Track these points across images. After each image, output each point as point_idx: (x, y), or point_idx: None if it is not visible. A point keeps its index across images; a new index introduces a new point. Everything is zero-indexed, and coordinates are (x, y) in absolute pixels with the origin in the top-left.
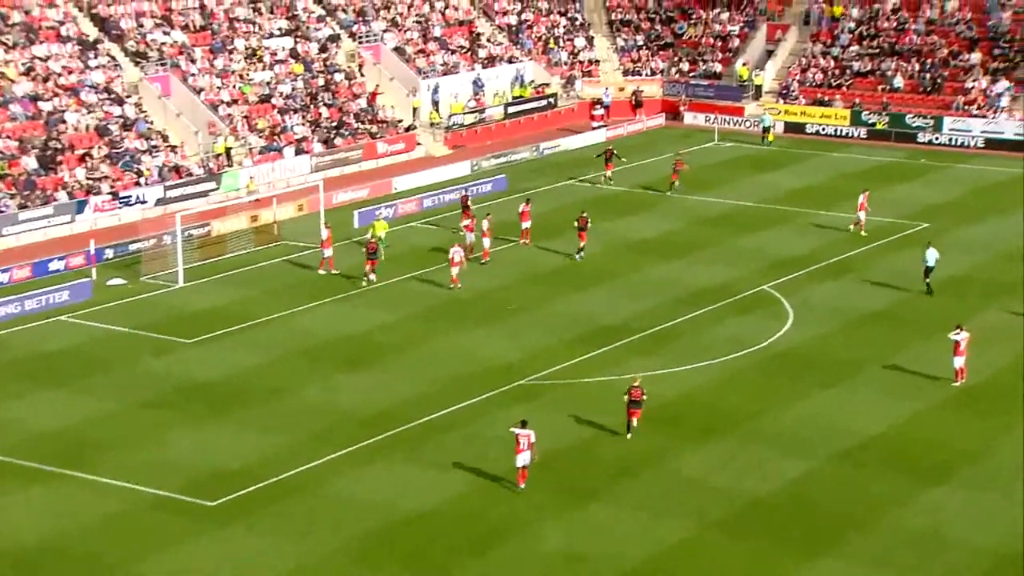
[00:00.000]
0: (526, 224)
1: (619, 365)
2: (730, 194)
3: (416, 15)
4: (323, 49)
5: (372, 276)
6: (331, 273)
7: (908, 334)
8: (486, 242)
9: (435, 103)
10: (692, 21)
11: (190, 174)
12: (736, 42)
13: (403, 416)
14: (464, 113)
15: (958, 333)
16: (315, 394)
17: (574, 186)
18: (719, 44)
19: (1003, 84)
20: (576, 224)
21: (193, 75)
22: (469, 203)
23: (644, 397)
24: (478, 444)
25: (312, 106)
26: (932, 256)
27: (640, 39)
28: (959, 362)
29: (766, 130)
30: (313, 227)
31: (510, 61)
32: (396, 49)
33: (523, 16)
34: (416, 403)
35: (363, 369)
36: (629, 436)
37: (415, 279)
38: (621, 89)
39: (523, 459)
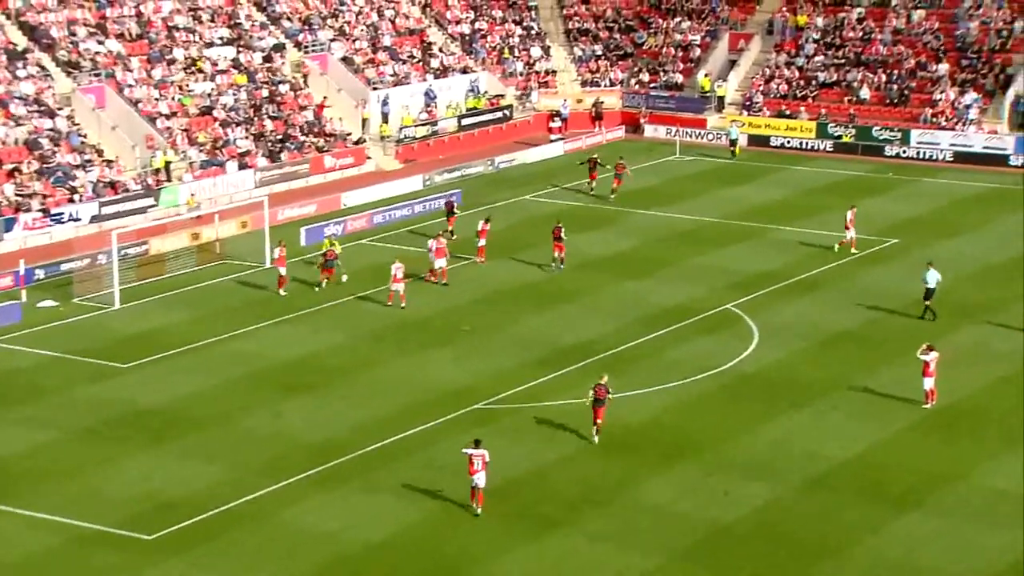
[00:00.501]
0: (482, 242)
1: (579, 388)
2: (693, 209)
3: (365, 23)
4: (267, 59)
5: (322, 284)
6: (279, 295)
7: (877, 354)
8: (441, 262)
9: (385, 115)
10: (652, 30)
11: (127, 190)
12: (697, 52)
13: (354, 443)
14: (416, 125)
15: (927, 353)
16: (261, 420)
17: (531, 201)
18: (680, 54)
19: (971, 96)
20: (553, 235)
21: (130, 86)
22: (456, 209)
23: (609, 396)
24: (432, 472)
25: (256, 118)
26: (933, 278)
27: (598, 49)
28: (929, 383)
29: (733, 143)
30: (257, 245)
31: (463, 71)
32: (344, 59)
33: (477, 25)
34: (367, 429)
35: (311, 394)
36: (596, 439)
37: (365, 299)
38: (579, 100)
39: (478, 480)
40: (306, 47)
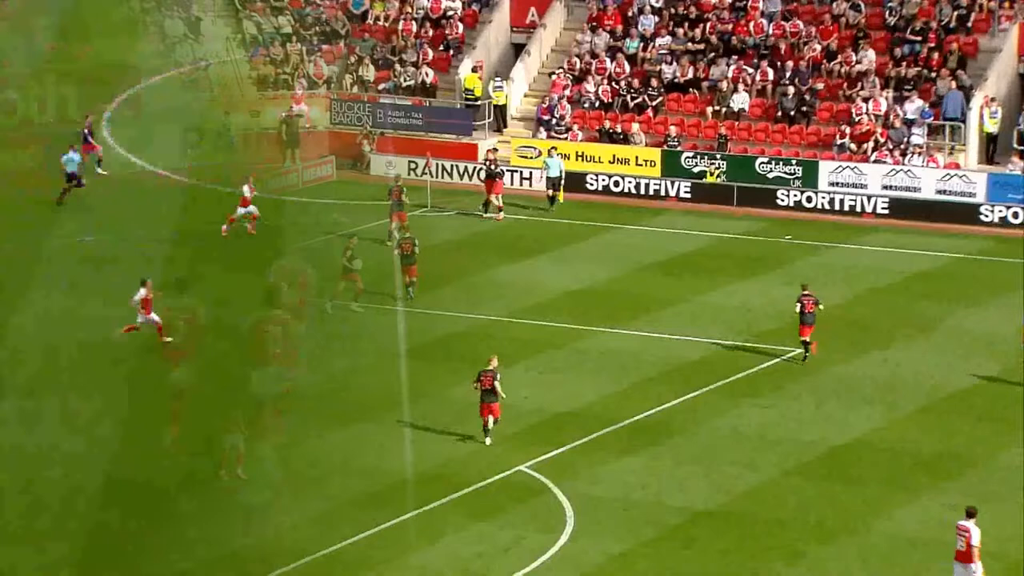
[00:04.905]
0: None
1: None
2: (453, 302)
3: None
4: None
5: None
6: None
7: (765, 547)
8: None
9: None
10: None
11: None
12: (459, 29)
13: None
14: None
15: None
16: None
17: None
18: (429, 33)
19: (916, 104)
20: (400, 252)
21: None
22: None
23: (497, 382)
24: None
25: None
26: None
27: (285, 24)
28: None
29: (555, 184)
30: None
31: None
32: None
33: None
34: None
35: None
36: (488, 441)
37: None
38: (255, 114)
39: None
40: None
